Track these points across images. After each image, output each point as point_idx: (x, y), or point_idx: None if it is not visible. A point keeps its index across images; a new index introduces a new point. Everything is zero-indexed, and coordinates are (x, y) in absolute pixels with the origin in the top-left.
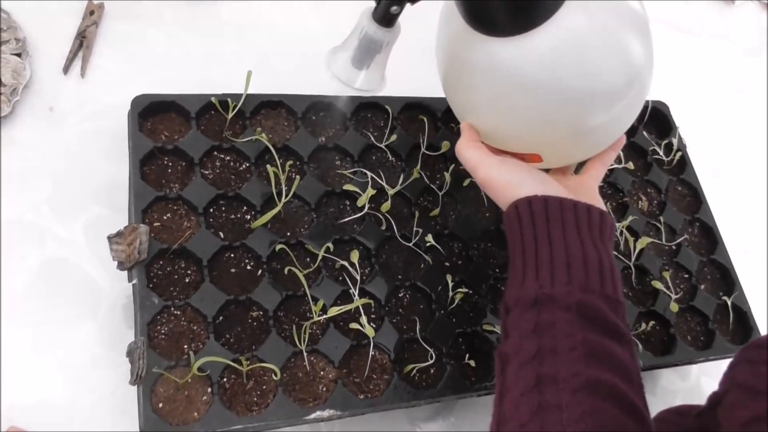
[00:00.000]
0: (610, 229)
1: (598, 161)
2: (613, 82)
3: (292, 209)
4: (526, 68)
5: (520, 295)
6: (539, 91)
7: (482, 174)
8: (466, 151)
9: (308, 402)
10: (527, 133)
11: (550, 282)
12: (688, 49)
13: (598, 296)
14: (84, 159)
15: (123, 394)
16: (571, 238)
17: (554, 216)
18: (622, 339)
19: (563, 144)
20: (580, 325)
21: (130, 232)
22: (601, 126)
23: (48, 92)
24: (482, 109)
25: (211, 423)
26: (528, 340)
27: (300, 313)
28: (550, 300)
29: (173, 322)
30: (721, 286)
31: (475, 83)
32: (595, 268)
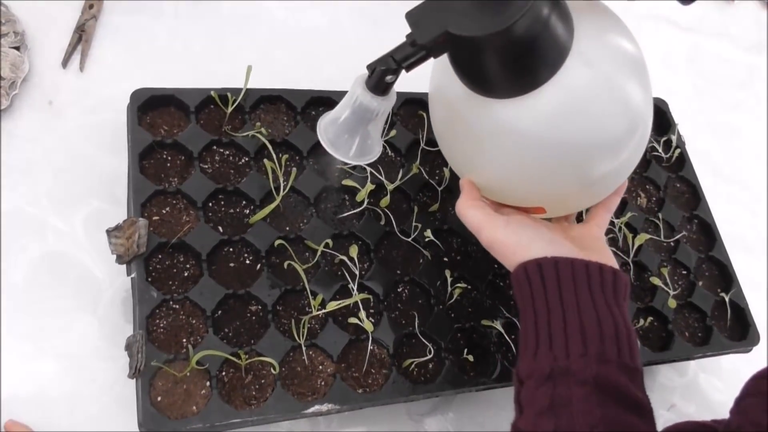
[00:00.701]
0: (624, 288)
1: (602, 208)
2: (618, 132)
3: (292, 204)
4: (529, 127)
5: (534, 368)
6: (543, 148)
7: (486, 236)
8: (468, 210)
9: (307, 396)
10: (531, 188)
11: (565, 353)
12: (687, 47)
13: (615, 366)
14: (83, 153)
15: (122, 387)
16: (584, 302)
17: (565, 279)
18: (643, 412)
19: (568, 195)
20: (598, 401)
21: (129, 225)
22: (605, 176)
23: (47, 86)
24: (483, 167)
25: (209, 417)
26: (544, 418)
27: (299, 307)
28: (566, 374)
29: (172, 316)
30: (719, 283)
31: (475, 143)
32: (611, 336)
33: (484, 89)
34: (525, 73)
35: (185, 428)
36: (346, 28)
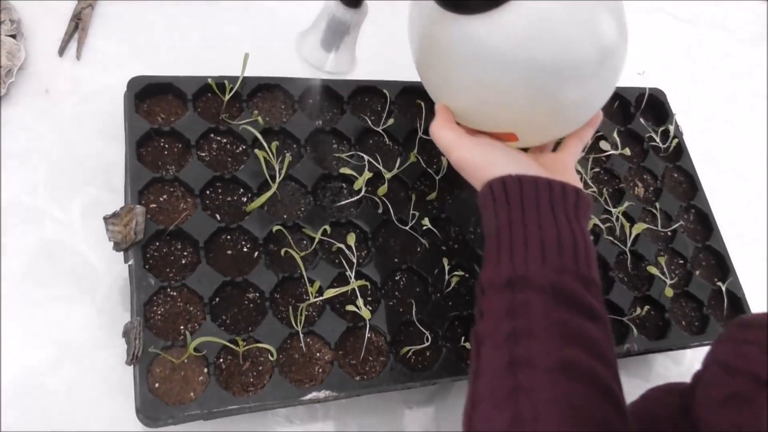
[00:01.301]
0: (585, 207)
1: (575, 138)
2: (585, 57)
3: (289, 192)
4: (497, 45)
5: (495, 277)
6: (511, 67)
7: (456, 155)
8: (440, 132)
9: (304, 383)
10: (501, 111)
11: (524, 263)
12: (686, 38)
13: (572, 276)
14: (80, 141)
15: (120, 374)
16: (545, 218)
17: (528, 196)
18: (597, 319)
19: (538, 121)
20: (555, 305)
21: (127, 213)
22: (575, 102)
23: (43, 74)
24: (456, 90)
25: (207, 403)
26: (502, 321)
27: (296, 294)
28: (524, 281)
29: (170, 303)
30: (715, 272)
31: (447, 63)
32: (569, 248)
33: (452, 4)
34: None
35: (183, 414)
36: None
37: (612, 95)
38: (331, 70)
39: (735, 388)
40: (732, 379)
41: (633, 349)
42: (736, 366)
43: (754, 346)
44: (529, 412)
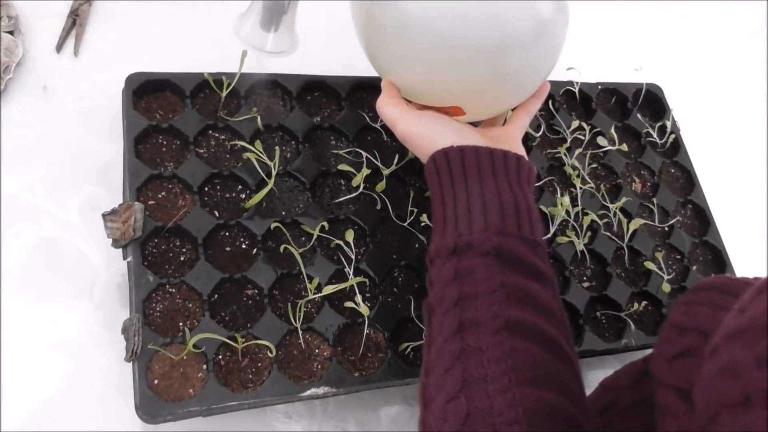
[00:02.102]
0: (527, 172)
1: (522, 110)
2: (519, 30)
3: (288, 189)
4: (431, 19)
5: (441, 246)
6: (447, 41)
7: (401, 128)
8: (386, 107)
9: (303, 379)
10: (443, 85)
11: (468, 230)
12: (683, 32)
13: (515, 239)
14: (78, 138)
15: (119, 371)
16: (487, 184)
17: (470, 165)
18: (543, 278)
19: (481, 94)
20: (499, 268)
21: (125, 209)
22: (515, 74)
23: (41, 71)
24: (397, 66)
25: (206, 399)
26: (449, 288)
27: (295, 291)
28: (468, 247)
29: (168, 300)
30: (713, 268)
31: (386, 40)
32: (511, 212)
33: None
34: None
35: (182, 411)
36: (342, 13)
37: (609, 90)
38: (272, 50)
39: (685, 345)
40: (682, 337)
41: (631, 344)
42: (686, 325)
43: (704, 306)
44: (477, 372)
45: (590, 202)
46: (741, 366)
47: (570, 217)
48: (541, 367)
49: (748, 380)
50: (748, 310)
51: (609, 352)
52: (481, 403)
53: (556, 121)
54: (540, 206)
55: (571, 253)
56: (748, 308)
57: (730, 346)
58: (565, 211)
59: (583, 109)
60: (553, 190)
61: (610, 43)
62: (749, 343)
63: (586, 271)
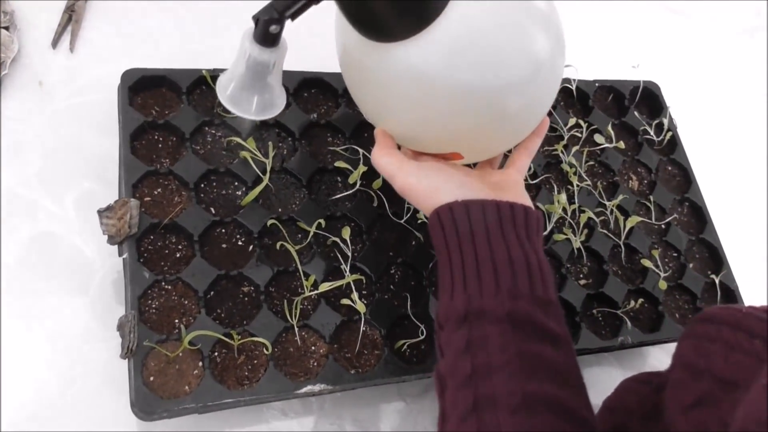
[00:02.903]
0: (536, 224)
1: (522, 151)
2: (518, 74)
3: (284, 185)
4: (424, 68)
5: (450, 311)
6: (441, 88)
7: (400, 182)
8: (381, 159)
9: (299, 376)
10: (439, 132)
11: (479, 293)
12: (680, 30)
13: (528, 301)
14: (73, 133)
15: (114, 367)
16: (495, 241)
17: (477, 220)
18: (558, 341)
19: (479, 138)
20: (512, 335)
21: (121, 206)
22: (513, 116)
23: (37, 66)
24: (391, 115)
25: (202, 396)
26: (462, 359)
27: (291, 288)
28: (480, 313)
29: (164, 297)
30: (709, 265)
31: (379, 90)
32: (522, 271)
33: (375, 34)
34: (410, 13)
35: (178, 408)
36: None
37: (606, 88)
38: (256, 116)
39: (701, 391)
40: (697, 382)
41: (627, 342)
42: (700, 367)
43: (715, 344)
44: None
45: (587, 199)
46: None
47: (567, 214)
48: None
49: None
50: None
51: (605, 349)
52: None
53: (553, 118)
54: (537, 203)
55: (568, 250)
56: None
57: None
58: (561, 208)
59: (580, 107)
60: (550, 188)
61: (608, 40)
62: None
63: (582, 269)
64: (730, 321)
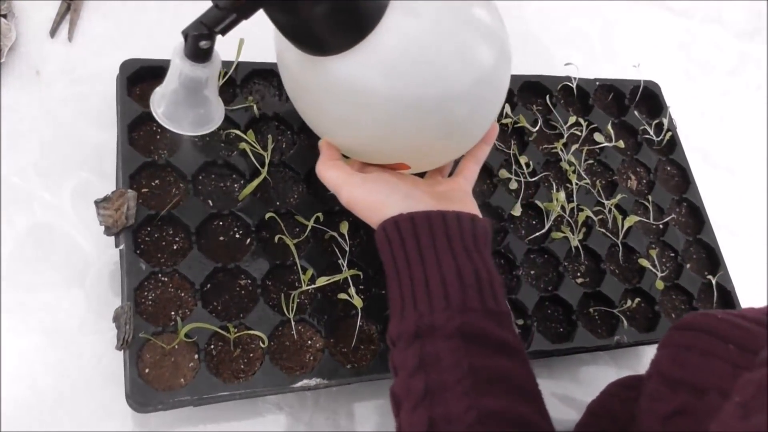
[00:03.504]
0: (483, 233)
1: (471, 159)
2: (454, 83)
3: (283, 179)
4: (361, 81)
5: (402, 329)
6: (380, 101)
7: (345, 196)
8: (327, 172)
9: (295, 371)
10: (382, 144)
11: (429, 309)
12: (680, 31)
13: (479, 314)
14: (71, 124)
15: (109, 359)
16: (443, 254)
17: (423, 233)
18: (511, 352)
19: (423, 148)
20: (465, 350)
21: (118, 197)
22: (455, 126)
23: (34, 55)
24: (333, 127)
25: (197, 389)
26: (415, 378)
27: (288, 282)
28: (431, 330)
29: (160, 289)
30: (706, 266)
31: (318, 103)
32: (471, 284)
33: (311, 48)
34: (344, 26)
35: (173, 400)
36: None
37: (607, 87)
38: (192, 132)
39: (678, 402)
40: (674, 393)
41: (623, 341)
42: (677, 377)
43: (692, 352)
44: None
45: (586, 198)
46: None
47: (565, 212)
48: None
49: None
50: (752, 415)
51: (601, 348)
52: None
53: (553, 116)
54: (536, 201)
55: (566, 248)
56: (751, 410)
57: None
58: (560, 206)
59: (580, 105)
60: (548, 186)
61: (609, 39)
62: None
63: (580, 267)
64: (706, 328)
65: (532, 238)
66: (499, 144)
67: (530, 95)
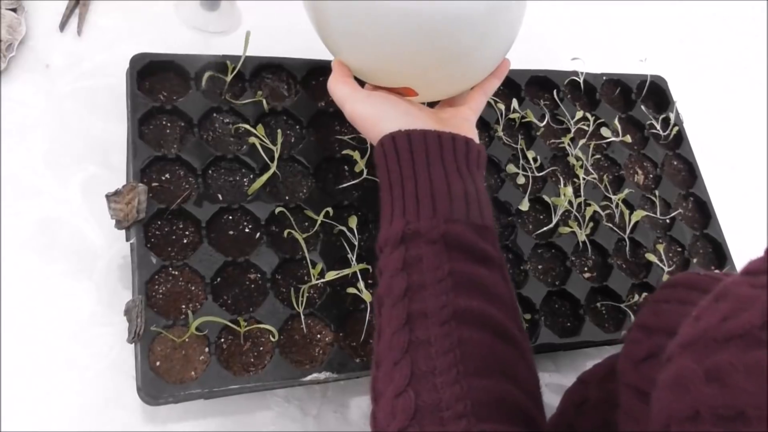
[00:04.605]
0: (477, 155)
1: (478, 90)
2: (466, 5)
3: (292, 174)
4: None
5: (389, 235)
6: (391, 17)
7: (348, 108)
8: (335, 86)
9: (304, 364)
10: (391, 64)
11: (416, 216)
12: (687, 25)
13: (463, 225)
14: (80, 117)
15: (120, 352)
16: (435, 170)
17: (418, 150)
18: (492, 263)
19: (432, 73)
20: (447, 256)
21: (129, 191)
22: (468, 52)
23: (44, 49)
24: (345, 44)
25: (208, 382)
26: (398, 278)
27: (298, 276)
28: (416, 235)
29: (171, 282)
30: (713, 260)
31: (333, 22)
32: (459, 197)
33: None
34: None
35: (184, 393)
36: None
37: (614, 81)
38: (215, 29)
39: (652, 345)
40: (649, 338)
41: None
42: (653, 325)
43: (670, 304)
44: (425, 365)
45: (593, 192)
46: (691, 380)
47: (572, 207)
48: (490, 356)
49: (697, 395)
50: (702, 319)
51: (608, 342)
52: (429, 397)
53: (560, 111)
54: (543, 196)
55: (573, 243)
56: (702, 316)
57: (682, 356)
58: (567, 201)
59: (587, 100)
60: (556, 180)
61: (616, 34)
62: (700, 355)
63: (587, 262)
64: (685, 282)
65: (539, 232)
66: (506, 139)
67: (537, 90)
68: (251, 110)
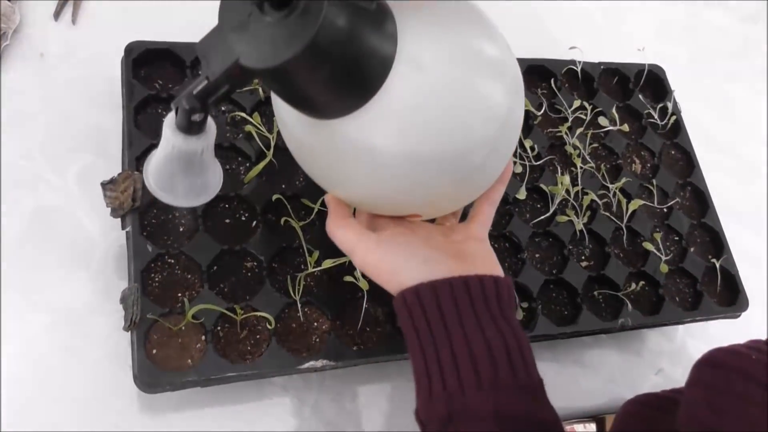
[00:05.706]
0: (507, 294)
1: (485, 203)
2: (470, 135)
3: (289, 162)
4: (371, 142)
5: (432, 411)
6: (392, 161)
7: (359, 260)
8: (336, 231)
9: (301, 352)
10: (394, 200)
11: (460, 389)
12: (684, 15)
13: (512, 392)
14: (75, 106)
15: (116, 340)
16: (469, 326)
17: (446, 303)
18: (548, 429)
19: (437, 200)
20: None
21: (124, 179)
22: (471, 175)
23: (38, 38)
24: (342, 186)
25: (204, 370)
26: None
27: (294, 264)
28: (464, 413)
29: (167, 270)
30: (710, 249)
31: (326, 164)
32: (502, 357)
33: (313, 112)
34: (348, 89)
35: (180, 381)
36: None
37: (611, 70)
38: (188, 203)
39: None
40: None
41: (627, 324)
42: (715, 427)
43: (729, 397)
44: None
45: (590, 181)
46: None
47: (570, 196)
48: None
49: None
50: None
51: (605, 331)
52: None
53: (558, 100)
54: (540, 185)
55: (570, 232)
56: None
57: None
58: (565, 190)
59: (584, 89)
60: (553, 169)
61: (614, 23)
62: None
63: (584, 251)
64: (738, 369)
65: (536, 221)
66: None
67: (535, 79)
68: (247, 98)
